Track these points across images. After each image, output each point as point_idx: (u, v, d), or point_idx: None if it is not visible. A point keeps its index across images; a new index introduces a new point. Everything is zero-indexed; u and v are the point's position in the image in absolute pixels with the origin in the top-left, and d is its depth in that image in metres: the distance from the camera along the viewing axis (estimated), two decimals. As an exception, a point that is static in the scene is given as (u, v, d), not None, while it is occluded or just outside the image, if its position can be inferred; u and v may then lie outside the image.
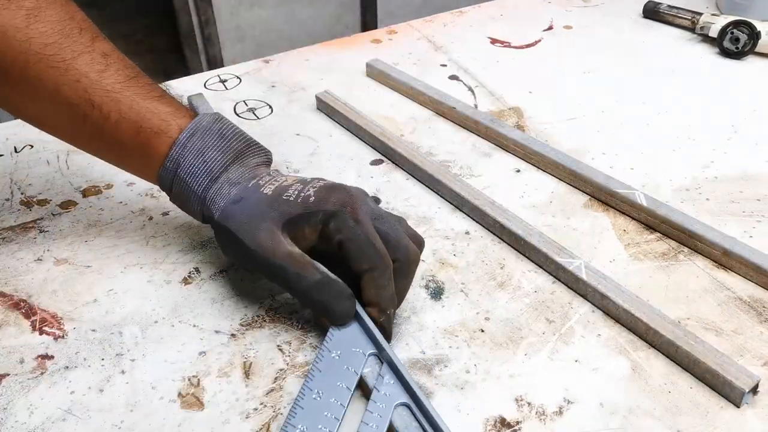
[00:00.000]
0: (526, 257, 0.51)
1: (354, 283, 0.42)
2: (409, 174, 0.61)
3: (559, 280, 0.49)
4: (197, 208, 0.46)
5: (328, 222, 0.42)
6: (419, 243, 0.46)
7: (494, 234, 0.53)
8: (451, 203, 0.57)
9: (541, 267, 0.50)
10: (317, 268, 0.41)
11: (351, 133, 0.67)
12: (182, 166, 0.45)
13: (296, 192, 0.44)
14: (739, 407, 0.39)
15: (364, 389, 0.40)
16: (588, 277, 0.47)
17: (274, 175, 0.46)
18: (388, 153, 0.63)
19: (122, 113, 0.45)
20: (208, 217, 0.45)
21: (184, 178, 0.45)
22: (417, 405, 0.37)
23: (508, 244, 0.52)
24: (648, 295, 0.48)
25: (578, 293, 0.47)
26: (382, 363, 0.40)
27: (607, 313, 0.46)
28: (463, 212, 0.56)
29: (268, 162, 0.49)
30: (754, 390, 0.40)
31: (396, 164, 0.62)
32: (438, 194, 0.58)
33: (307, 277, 0.41)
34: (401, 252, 0.43)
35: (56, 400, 0.40)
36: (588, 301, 0.47)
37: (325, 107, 0.70)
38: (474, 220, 0.55)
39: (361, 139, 0.66)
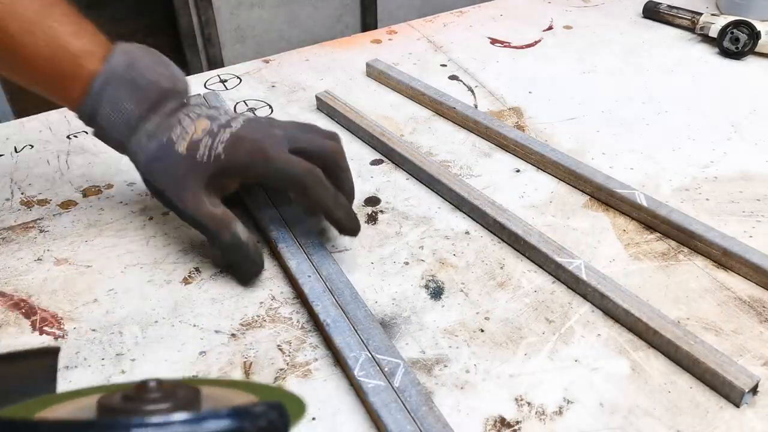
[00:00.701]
0: (526, 257, 0.51)
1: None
2: (409, 174, 0.61)
3: (559, 280, 0.49)
4: (120, 149, 0.48)
5: (245, 173, 0.47)
6: (332, 136, 0.50)
7: (494, 234, 0.53)
8: (450, 203, 0.57)
9: (540, 267, 0.50)
10: (231, 230, 0.46)
11: (351, 133, 0.67)
12: (100, 115, 0.46)
13: (206, 150, 0.46)
14: (738, 407, 0.39)
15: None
16: (588, 277, 0.47)
17: (185, 124, 0.47)
18: (388, 153, 0.63)
19: (37, 48, 0.44)
20: (134, 163, 0.48)
21: (103, 125, 0.46)
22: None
23: (508, 244, 0.52)
24: (648, 295, 0.48)
25: (578, 293, 0.47)
26: None
27: (607, 313, 0.46)
28: (462, 212, 0.56)
29: (183, 101, 0.49)
30: (754, 390, 0.40)
31: (396, 164, 0.62)
32: (438, 194, 0.58)
33: (221, 239, 0.46)
34: (323, 156, 0.48)
35: (56, 400, 0.40)
36: (588, 301, 0.47)
37: (325, 107, 0.70)
38: (474, 220, 0.55)
39: (361, 139, 0.66)
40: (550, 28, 0.89)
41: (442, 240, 0.53)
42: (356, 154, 0.63)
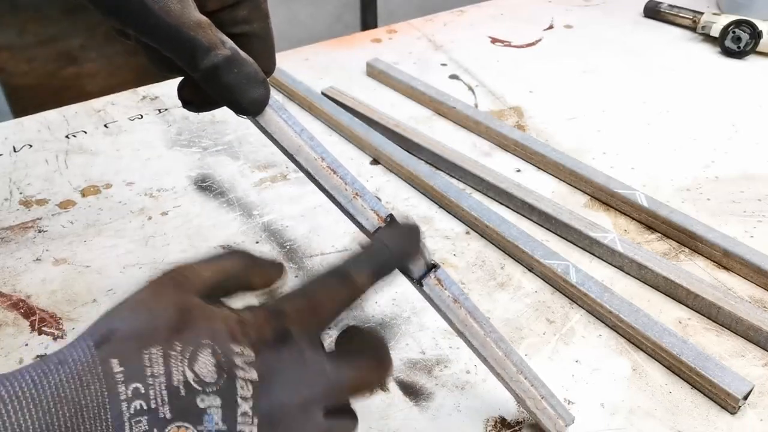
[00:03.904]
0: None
1: None
2: (428, 163, 0.60)
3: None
4: None
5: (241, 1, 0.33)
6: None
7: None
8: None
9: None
10: (224, 43, 0.32)
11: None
12: None
13: None
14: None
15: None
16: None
17: None
18: (404, 144, 0.62)
19: None
20: None
21: None
22: None
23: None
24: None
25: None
26: None
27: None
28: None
29: None
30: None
31: (413, 155, 0.61)
32: (460, 180, 0.57)
33: (216, 54, 0.31)
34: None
35: (55, 401, 0.40)
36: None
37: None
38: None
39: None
40: (551, 27, 0.89)
41: (442, 240, 0.53)
42: (356, 153, 0.63)
